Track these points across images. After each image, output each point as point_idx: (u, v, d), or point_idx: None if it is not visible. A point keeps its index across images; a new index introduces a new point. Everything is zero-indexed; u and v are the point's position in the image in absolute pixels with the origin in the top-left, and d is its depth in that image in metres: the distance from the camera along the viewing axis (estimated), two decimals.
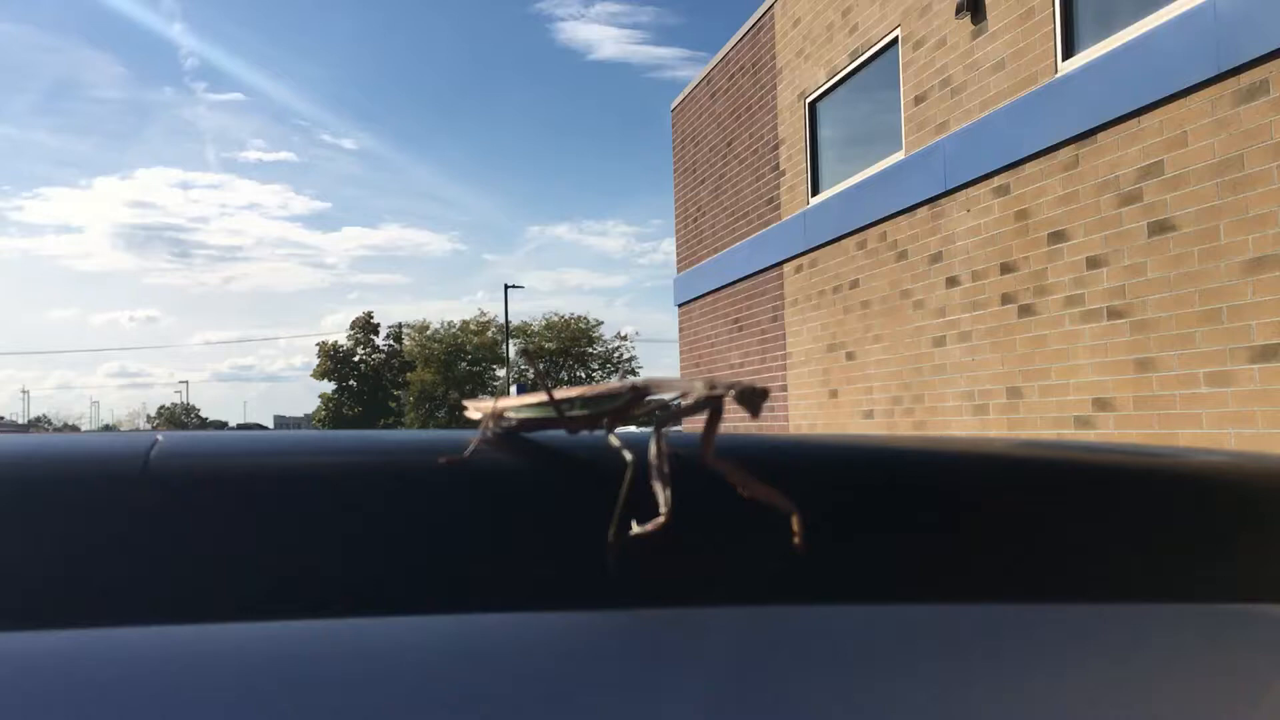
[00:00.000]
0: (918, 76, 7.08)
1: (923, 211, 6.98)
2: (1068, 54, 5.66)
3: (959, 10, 6.45)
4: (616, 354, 45.86)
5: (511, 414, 0.79)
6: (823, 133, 8.76)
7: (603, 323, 50.36)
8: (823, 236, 8.35)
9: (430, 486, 0.72)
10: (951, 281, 6.63)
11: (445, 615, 0.64)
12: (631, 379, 0.74)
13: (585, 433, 0.76)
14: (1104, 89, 5.25)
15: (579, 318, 43.93)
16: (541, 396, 0.77)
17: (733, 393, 0.68)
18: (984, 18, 6.30)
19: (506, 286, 38.76)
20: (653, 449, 0.67)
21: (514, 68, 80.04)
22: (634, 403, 0.73)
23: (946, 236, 6.70)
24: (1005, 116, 6.07)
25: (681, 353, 12.02)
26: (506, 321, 39.25)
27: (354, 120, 78.96)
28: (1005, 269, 6.08)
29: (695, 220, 11.66)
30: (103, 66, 73.18)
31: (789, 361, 9.03)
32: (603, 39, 76.22)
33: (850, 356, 7.96)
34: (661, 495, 0.66)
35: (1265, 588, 0.79)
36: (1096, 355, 5.35)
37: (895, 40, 7.40)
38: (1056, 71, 5.70)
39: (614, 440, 0.71)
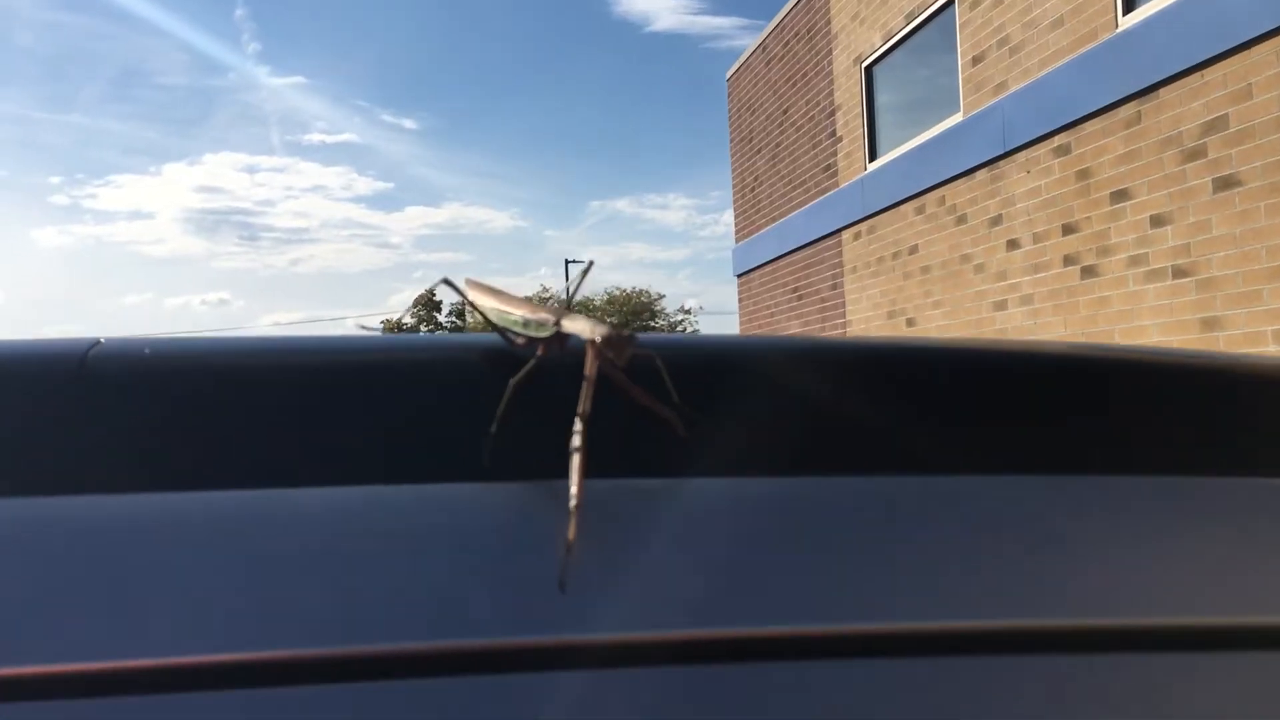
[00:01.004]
0: (975, 36, 6.97)
1: (981, 174, 6.89)
2: (1128, 8, 5.54)
3: None
4: (680, 327, 45.78)
5: (483, 308, 0.83)
6: (879, 97, 8.66)
7: (665, 296, 50.21)
8: (881, 202, 8.29)
9: (355, 377, 0.77)
10: (1012, 244, 6.56)
11: (345, 486, 0.68)
12: (559, 311, 0.75)
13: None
14: (1165, 43, 5.13)
15: (641, 291, 44.01)
16: (509, 306, 0.80)
17: (599, 337, 0.68)
18: None
19: (567, 262, 38.94)
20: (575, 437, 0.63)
21: (572, 42, 79.95)
22: (559, 339, 0.75)
23: (1006, 199, 6.62)
24: (1065, 74, 5.96)
25: (742, 323, 12.02)
26: (569, 297, 39.38)
27: (413, 100, 79.71)
28: (1067, 230, 5.99)
29: (753, 190, 11.62)
30: (167, 53, 74.85)
31: (849, 329, 9.00)
32: (660, 10, 75.55)
33: (911, 323, 7.92)
34: (574, 480, 0.61)
35: None
36: (1161, 315, 5.26)
37: (952, 0, 7.29)
38: (1117, 26, 5.57)
39: (529, 364, 0.73)
